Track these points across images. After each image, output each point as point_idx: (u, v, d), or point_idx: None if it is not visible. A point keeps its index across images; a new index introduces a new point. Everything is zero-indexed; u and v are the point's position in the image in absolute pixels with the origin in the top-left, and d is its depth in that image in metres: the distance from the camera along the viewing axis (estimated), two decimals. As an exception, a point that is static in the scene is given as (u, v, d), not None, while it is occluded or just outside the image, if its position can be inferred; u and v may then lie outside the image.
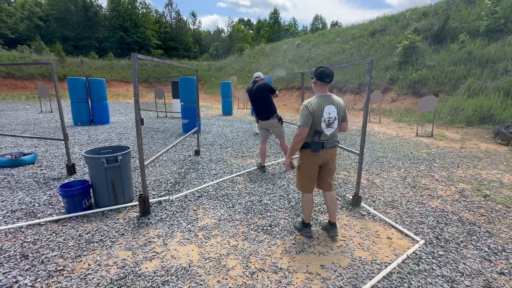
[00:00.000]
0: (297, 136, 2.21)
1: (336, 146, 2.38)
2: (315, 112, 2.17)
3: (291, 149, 2.31)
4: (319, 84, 2.26)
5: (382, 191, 3.58)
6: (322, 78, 2.22)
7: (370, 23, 20.56)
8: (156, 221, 2.73)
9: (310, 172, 2.35)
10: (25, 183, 3.67)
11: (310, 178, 2.37)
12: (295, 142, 2.24)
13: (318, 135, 2.22)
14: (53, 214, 2.82)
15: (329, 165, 2.37)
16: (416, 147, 6.10)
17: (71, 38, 38.04)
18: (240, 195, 3.40)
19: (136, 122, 2.51)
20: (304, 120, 2.17)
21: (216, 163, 4.72)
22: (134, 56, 2.33)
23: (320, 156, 2.28)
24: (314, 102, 2.20)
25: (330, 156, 2.34)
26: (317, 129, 2.22)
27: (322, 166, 2.38)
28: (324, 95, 2.27)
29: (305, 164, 2.35)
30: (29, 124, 8.46)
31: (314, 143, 2.23)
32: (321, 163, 2.33)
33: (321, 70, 2.24)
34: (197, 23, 56.10)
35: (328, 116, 2.22)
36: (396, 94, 12.62)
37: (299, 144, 2.25)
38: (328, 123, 2.23)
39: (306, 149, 2.29)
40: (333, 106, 2.24)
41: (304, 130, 2.18)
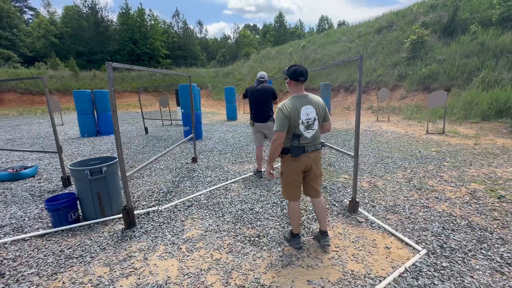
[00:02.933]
0: (274, 142, 2.07)
1: (319, 149, 2.21)
2: (290, 115, 2.02)
3: (270, 156, 2.15)
4: (293, 84, 2.11)
5: (383, 195, 3.34)
6: (296, 77, 2.06)
7: (376, 20, 20.12)
8: (141, 233, 2.63)
9: (293, 178, 2.18)
10: (21, 196, 3.70)
11: (294, 185, 2.20)
12: (273, 148, 2.09)
13: (297, 139, 2.06)
14: (40, 229, 2.79)
15: (313, 170, 2.20)
16: (425, 146, 5.76)
17: (84, 53, 39.57)
18: (232, 203, 3.27)
19: (115, 132, 2.45)
20: (280, 124, 2.02)
21: (213, 170, 4.61)
22: (108, 65, 2.27)
23: (301, 161, 2.12)
24: (289, 104, 2.05)
25: (313, 160, 2.17)
26: (296, 132, 2.06)
27: (306, 172, 2.22)
28: (300, 95, 2.12)
29: (287, 170, 2.19)
30: (39, 137, 8.72)
31: (293, 147, 2.07)
32: (304, 169, 2.16)
33: (294, 68, 2.08)
34: (203, 31, 57.06)
35: (307, 117, 2.07)
36: (406, 91, 12.16)
37: (277, 150, 2.10)
38: (307, 125, 2.08)
39: (286, 155, 2.13)
40: (311, 106, 2.09)
41: (281, 135, 2.04)
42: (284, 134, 2.04)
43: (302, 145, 2.09)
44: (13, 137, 8.86)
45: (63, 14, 40.94)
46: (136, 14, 43.35)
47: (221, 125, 10.72)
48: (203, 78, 32.51)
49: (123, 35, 42.06)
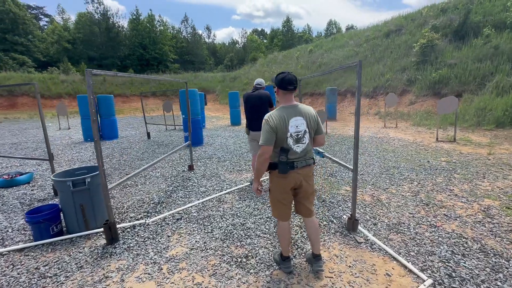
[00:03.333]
0: (260, 157, 1.87)
1: (311, 164, 2.00)
2: (277, 127, 1.83)
3: (256, 171, 1.96)
4: (281, 93, 1.93)
5: (387, 211, 3.09)
6: (283, 85, 1.88)
7: (384, 24, 19.79)
8: (123, 250, 2.47)
9: (282, 196, 1.99)
10: (10, 205, 3.62)
11: (282, 203, 2.00)
12: (259, 164, 1.89)
13: (285, 154, 1.86)
14: (21, 242, 2.67)
15: (303, 188, 1.99)
16: (434, 155, 5.45)
17: (95, 58, 40.52)
18: (224, 217, 3.08)
19: (95, 142, 2.31)
20: (266, 137, 1.83)
21: (209, 179, 4.45)
22: (88, 71, 2.15)
23: (290, 177, 1.92)
24: (276, 115, 1.86)
25: (303, 177, 1.96)
26: (284, 146, 1.87)
27: (296, 189, 2.02)
28: (289, 105, 1.93)
29: (275, 187, 2.00)
30: (41, 141, 8.78)
31: (281, 163, 1.88)
32: (293, 186, 1.96)
33: (281, 76, 1.90)
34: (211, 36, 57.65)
35: (296, 130, 1.88)
36: (415, 96, 11.77)
37: (263, 166, 1.90)
38: (296, 138, 1.89)
39: (274, 170, 1.94)
40: (301, 117, 1.90)
41: (267, 149, 1.84)
42: (270, 148, 1.85)
43: (291, 161, 1.90)
44: (18, 141, 8.97)
45: (76, 20, 42.15)
46: (146, 20, 44.22)
47: (224, 130, 10.59)
48: (210, 82, 32.71)
49: (133, 40, 42.92)
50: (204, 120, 11.92)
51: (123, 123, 14.21)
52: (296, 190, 2.02)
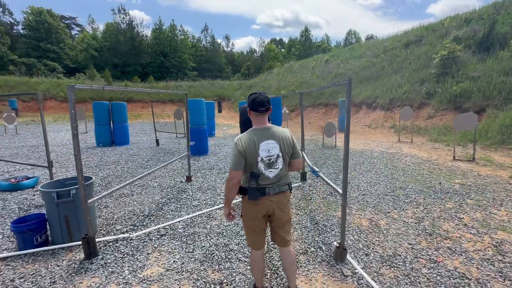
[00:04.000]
0: (228, 182, 1.76)
1: (285, 191, 1.85)
2: (246, 151, 1.72)
3: (225, 196, 1.86)
4: (253, 114, 1.81)
5: (384, 239, 2.84)
6: (254, 107, 1.77)
7: (404, 34, 19.25)
8: (99, 266, 2.43)
9: (253, 223, 1.86)
10: (9, 209, 3.73)
11: (254, 231, 1.88)
12: (227, 189, 1.79)
13: (255, 179, 1.74)
14: (6, 250, 2.71)
15: (277, 216, 1.85)
16: (448, 176, 5.05)
17: (119, 65, 42.63)
18: (209, 235, 2.97)
19: (76, 156, 2.31)
20: (233, 161, 1.73)
21: (204, 192, 4.37)
22: (70, 87, 2.16)
23: (261, 205, 1.78)
24: (246, 138, 1.75)
25: (276, 205, 1.81)
26: (254, 171, 1.76)
27: (270, 217, 1.88)
28: (261, 128, 1.81)
29: (246, 214, 1.88)
30: (59, 145, 9.20)
31: (251, 189, 1.75)
32: (265, 213, 1.82)
33: (253, 97, 1.79)
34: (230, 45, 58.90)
35: (267, 154, 1.76)
36: (434, 110, 11.18)
37: (231, 191, 1.79)
38: (268, 163, 1.76)
39: (245, 196, 1.81)
40: (273, 140, 1.77)
41: (235, 174, 1.73)
42: (239, 173, 1.74)
43: (262, 187, 1.77)
44: (37, 144, 9.45)
45: (104, 29, 44.78)
46: (168, 30, 46.08)
47: (233, 139, 10.55)
48: (226, 90, 33.21)
49: (154, 48, 44.79)
50: (214, 128, 11.99)
51: (137, 129, 14.63)
52: (270, 217, 1.89)
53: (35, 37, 37.09)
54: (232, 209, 1.89)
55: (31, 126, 15.53)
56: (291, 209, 3.53)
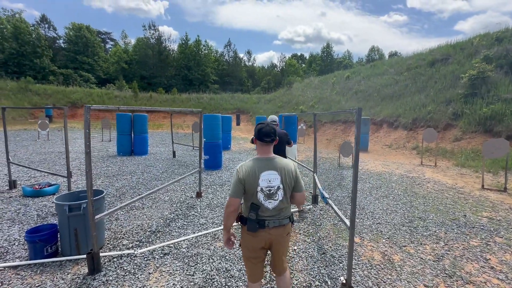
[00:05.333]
0: (226, 208, 1.75)
1: (285, 225, 1.80)
2: (245, 180, 1.72)
3: (223, 223, 1.84)
4: (258, 144, 1.84)
5: (397, 277, 2.62)
6: (260, 137, 1.79)
7: (429, 52, 18.70)
8: (100, 283, 2.45)
9: (250, 255, 1.84)
10: (29, 215, 3.93)
11: (252, 262, 1.85)
12: (225, 216, 1.78)
13: (255, 211, 1.72)
14: (18, 258, 2.82)
15: (274, 249, 1.84)
16: (475, 207, 4.66)
17: (146, 77, 45.04)
18: (211, 257, 2.92)
19: (87, 173, 2.40)
20: (233, 189, 1.74)
21: (212, 209, 4.36)
22: (86, 108, 2.29)
23: (259, 237, 1.76)
24: (247, 167, 1.76)
25: (275, 238, 1.78)
26: (254, 202, 1.75)
27: (268, 249, 1.87)
28: (264, 157, 1.82)
29: (244, 244, 1.86)
30: (81, 152, 9.70)
31: (250, 220, 1.74)
32: (263, 246, 1.80)
33: (260, 127, 1.81)
34: (251, 60, 60.35)
35: (268, 184, 1.74)
36: (461, 132, 10.56)
37: (229, 219, 1.77)
38: (268, 194, 1.75)
39: (244, 226, 1.80)
40: (275, 171, 1.76)
41: (234, 201, 1.72)
42: (237, 201, 1.73)
43: (262, 219, 1.74)
44: (64, 151, 10.03)
45: (135, 44, 47.82)
46: (194, 45, 48.29)
47: (248, 154, 10.59)
48: (246, 103, 33.73)
49: (180, 62, 46.97)
50: (230, 142, 12.11)
51: (157, 139, 15.13)
52: (267, 249, 1.88)
53: (74, 50, 40.42)
54: (232, 235, 1.86)
55: (61, 133, 16.61)
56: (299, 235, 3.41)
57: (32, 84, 27.62)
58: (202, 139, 5.02)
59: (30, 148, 10.35)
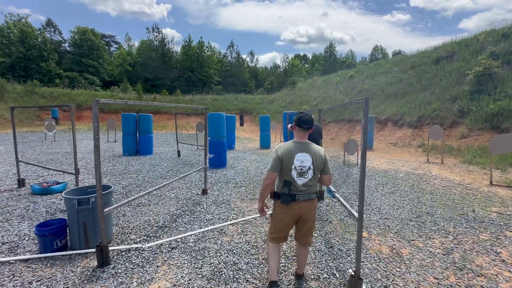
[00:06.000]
0: (265, 181, 2.08)
1: (313, 199, 2.12)
2: (283, 157, 2.04)
3: (260, 193, 2.17)
4: (297, 129, 2.16)
5: (406, 270, 2.60)
6: (300, 124, 2.12)
7: (434, 50, 18.55)
8: (109, 275, 2.47)
9: (280, 224, 2.15)
10: (38, 212, 3.98)
11: (280, 230, 2.17)
12: (263, 188, 2.11)
13: (288, 186, 2.04)
14: (29, 252, 2.86)
15: (303, 220, 2.14)
16: (484, 202, 4.59)
17: (150, 79, 45.41)
18: (219, 251, 2.92)
19: (96, 166, 2.43)
20: (272, 164, 2.05)
21: (218, 206, 4.37)
22: (95, 101, 2.31)
23: (291, 209, 2.07)
24: (285, 147, 2.09)
25: (304, 211, 2.09)
26: (287, 178, 2.05)
27: (297, 220, 2.16)
28: (300, 141, 2.14)
29: (276, 215, 2.17)
30: (89, 152, 9.81)
31: (283, 194, 2.05)
32: (293, 217, 2.11)
33: (300, 115, 2.16)
34: (254, 60, 60.50)
35: (300, 164, 2.05)
36: (468, 129, 10.44)
37: (266, 190, 2.11)
38: (300, 172, 2.05)
39: (277, 200, 2.11)
40: (308, 154, 2.07)
41: (271, 175, 2.05)
42: (274, 175, 2.05)
43: (293, 193, 2.05)
44: (71, 151, 10.15)
45: (138, 46, 48.26)
46: (197, 46, 48.57)
47: (252, 153, 10.59)
48: (249, 104, 33.77)
49: (183, 64, 47.27)
50: (234, 141, 12.14)
51: (162, 140, 15.22)
52: (296, 221, 2.17)
53: (79, 53, 40.95)
54: (265, 205, 2.20)
55: (67, 134, 16.82)
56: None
57: (38, 87, 28.04)
58: (207, 136, 5.03)
59: (37, 149, 10.49)
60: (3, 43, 34.35)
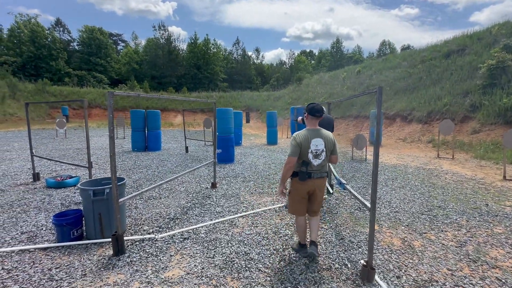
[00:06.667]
0: (286, 165, 2.40)
1: (324, 177, 2.52)
2: (302, 143, 2.36)
3: (282, 176, 2.46)
4: (309, 118, 2.47)
5: (418, 262, 2.59)
6: (313, 112, 2.43)
7: (444, 43, 18.13)
8: (125, 263, 2.53)
9: (298, 198, 2.52)
10: (54, 204, 4.09)
11: (300, 203, 2.54)
12: (285, 171, 2.41)
13: (306, 166, 2.40)
14: (47, 241, 2.95)
15: (315, 194, 2.53)
16: (497, 197, 4.51)
17: (157, 77, 45.69)
18: (230, 242, 2.96)
19: (111, 157, 2.48)
20: (292, 150, 2.37)
21: (228, 199, 4.41)
22: (109, 93, 2.36)
23: (307, 185, 2.45)
24: (302, 134, 2.41)
25: (317, 186, 2.49)
26: (305, 159, 2.40)
27: (310, 195, 2.55)
28: (313, 128, 2.47)
29: (294, 191, 2.53)
30: (99, 149, 9.99)
31: (301, 172, 2.40)
32: (308, 191, 2.49)
33: (312, 105, 2.46)
34: (260, 57, 60.25)
35: (315, 148, 2.39)
36: (480, 124, 10.22)
37: (288, 173, 2.42)
38: (315, 155, 2.40)
39: (295, 177, 2.47)
40: (321, 139, 2.42)
41: (292, 160, 2.36)
42: (295, 159, 2.37)
43: (309, 172, 2.41)
44: (81, 147, 10.37)
45: (145, 44, 48.58)
46: (202, 44, 48.59)
47: (259, 149, 10.61)
48: (255, 101, 33.71)
49: (189, 61, 47.39)
50: (241, 137, 12.17)
51: (169, 136, 15.37)
52: (309, 196, 2.55)
53: (87, 52, 41.50)
54: (284, 187, 2.54)
55: (78, 131, 17.15)
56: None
57: (49, 86, 28.58)
58: (216, 130, 5.07)
59: (49, 145, 10.74)
60: (14, 43, 35.08)
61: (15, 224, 3.39)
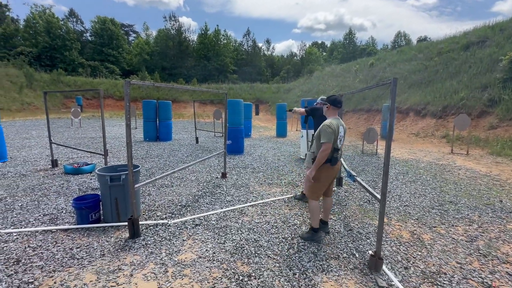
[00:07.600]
0: (323, 152, 2.53)
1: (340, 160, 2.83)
2: (335, 131, 2.57)
3: (317, 162, 2.56)
4: (332, 108, 2.74)
5: (427, 254, 2.60)
6: (335, 104, 2.72)
7: (463, 35, 17.37)
8: (140, 246, 2.66)
9: (325, 183, 2.71)
10: (72, 189, 4.29)
11: (324, 187, 2.74)
12: (322, 157, 2.54)
13: (336, 151, 2.62)
14: (67, 223, 3.12)
15: (336, 176, 2.80)
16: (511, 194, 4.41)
17: (167, 68, 45.96)
18: (240, 229, 3.05)
19: (127, 144, 2.57)
20: (329, 137, 2.53)
21: (238, 189, 4.49)
22: (126, 82, 2.43)
23: (336, 168, 2.70)
24: (334, 123, 2.61)
25: (338, 169, 2.83)
26: (335, 146, 2.60)
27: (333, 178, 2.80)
28: (336, 118, 2.71)
29: (324, 176, 2.67)
30: (112, 138, 10.26)
31: (334, 158, 2.61)
32: (335, 174, 2.74)
33: (334, 97, 2.74)
34: (270, 49, 59.46)
35: (340, 134, 2.66)
36: (497, 119, 9.86)
37: (325, 158, 2.57)
38: (340, 140, 2.67)
39: (326, 164, 2.61)
40: (342, 126, 2.69)
41: (329, 146, 2.53)
42: (331, 145, 2.54)
43: (337, 156, 2.63)
44: (95, 136, 10.67)
45: (156, 35, 48.72)
46: (213, 35, 48.30)
47: (268, 141, 10.64)
48: (264, 93, 33.54)
49: (199, 53, 47.33)
50: (251, 129, 12.21)
51: (179, 127, 15.58)
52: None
53: (100, 43, 42.04)
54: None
55: (92, 121, 17.61)
56: None
57: (63, 76, 29.25)
58: (226, 120, 5.12)
59: (65, 134, 11.11)
60: (30, 34, 35.87)
61: (37, 206, 3.58)
